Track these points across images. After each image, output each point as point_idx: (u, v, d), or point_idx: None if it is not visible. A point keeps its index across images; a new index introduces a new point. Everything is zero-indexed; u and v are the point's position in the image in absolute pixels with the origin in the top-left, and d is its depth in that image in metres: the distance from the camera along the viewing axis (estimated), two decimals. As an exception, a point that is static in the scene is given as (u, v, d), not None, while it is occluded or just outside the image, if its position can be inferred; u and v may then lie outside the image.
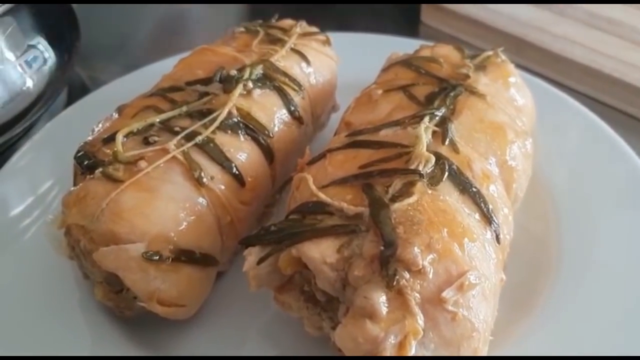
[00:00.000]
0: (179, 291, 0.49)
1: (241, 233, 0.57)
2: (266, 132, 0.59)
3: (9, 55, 0.69)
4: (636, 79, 0.84)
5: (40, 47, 0.74)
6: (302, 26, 0.72)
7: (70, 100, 0.89)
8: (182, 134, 0.54)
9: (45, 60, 0.75)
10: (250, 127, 0.57)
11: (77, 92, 0.92)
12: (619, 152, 0.69)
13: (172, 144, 0.53)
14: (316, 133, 0.73)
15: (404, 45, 0.86)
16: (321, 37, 0.72)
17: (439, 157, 0.49)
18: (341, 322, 0.40)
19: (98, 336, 0.54)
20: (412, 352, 0.37)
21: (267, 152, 0.59)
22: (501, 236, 0.48)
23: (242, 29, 0.70)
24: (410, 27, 1.08)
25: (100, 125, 0.59)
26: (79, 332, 0.54)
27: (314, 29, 0.73)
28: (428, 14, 1.06)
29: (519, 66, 0.90)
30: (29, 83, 0.73)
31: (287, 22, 0.73)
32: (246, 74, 0.60)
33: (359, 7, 1.15)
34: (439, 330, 0.39)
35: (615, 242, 0.60)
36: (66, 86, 0.85)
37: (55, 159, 0.71)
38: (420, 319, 0.38)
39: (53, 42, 0.78)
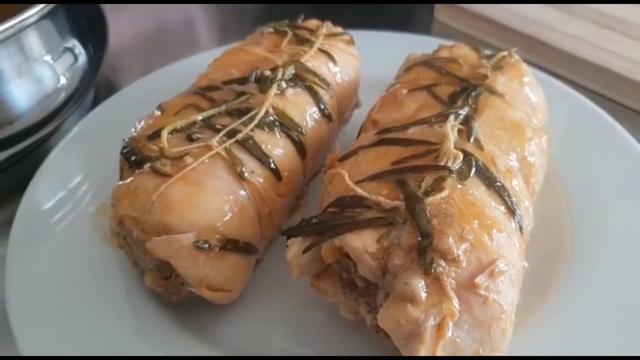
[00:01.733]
0: (225, 277, 0.53)
1: (277, 223, 0.61)
2: (299, 129, 0.62)
3: (47, 58, 0.72)
4: (644, 77, 0.88)
5: (74, 48, 0.77)
6: (327, 27, 0.75)
7: (96, 98, 0.93)
8: (224, 132, 0.58)
9: (77, 60, 0.78)
10: (285, 125, 0.61)
11: (102, 89, 0.96)
12: (626, 146, 0.73)
13: (214, 141, 0.57)
14: (340, 129, 0.76)
15: (420, 42, 0.90)
16: (346, 37, 0.75)
17: (465, 154, 0.52)
18: (382, 306, 0.44)
19: (143, 319, 0.58)
20: (449, 333, 0.42)
21: (300, 148, 0.62)
22: (523, 227, 0.52)
23: (271, 29, 0.74)
24: (423, 24, 1.12)
25: (143, 122, 0.62)
26: (124, 314, 0.58)
27: (339, 30, 0.76)
28: (441, 12, 1.09)
29: (530, 64, 0.93)
30: (63, 82, 0.76)
31: (313, 23, 0.76)
32: (279, 74, 0.64)
33: (372, 4, 1.18)
34: (472, 313, 0.43)
35: (624, 230, 0.64)
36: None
37: (89, 153, 0.75)
38: (456, 303, 0.42)
39: (85, 42, 0.81)
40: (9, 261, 0.61)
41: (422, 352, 0.41)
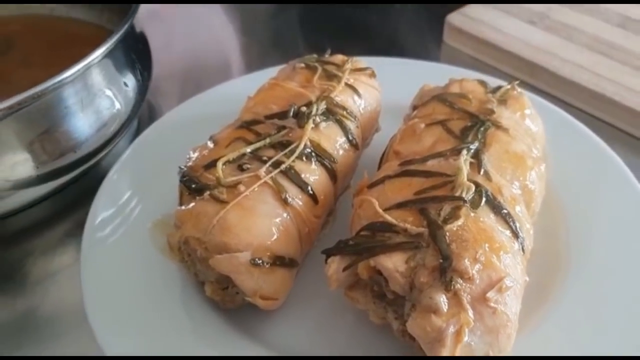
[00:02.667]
0: (274, 288, 0.64)
1: (313, 239, 0.71)
2: (332, 158, 0.72)
3: (106, 91, 0.82)
4: (634, 103, 0.97)
5: (127, 79, 0.87)
6: (352, 62, 0.85)
7: (140, 121, 1.03)
8: (269, 163, 0.67)
9: (129, 90, 0.87)
10: (320, 155, 0.71)
11: (144, 113, 1.06)
12: (615, 166, 0.82)
13: (262, 171, 0.67)
14: (362, 151, 0.86)
15: (430, 69, 1.01)
16: (368, 71, 0.85)
17: (477, 185, 0.62)
18: (410, 316, 0.54)
19: (199, 321, 0.68)
20: (466, 338, 0.52)
21: (332, 175, 0.72)
22: (525, 247, 0.62)
23: (302, 65, 0.83)
24: (433, 47, 1.21)
25: (197, 153, 0.72)
26: (182, 316, 0.68)
27: (363, 64, 0.86)
28: (450, 36, 1.19)
29: (532, 87, 1.04)
30: (118, 110, 0.85)
31: (339, 58, 0.86)
32: (314, 110, 0.74)
33: (385, 28, 1.28)
34: (484, 322, 0.53)
35: (613, 249, 0.73)
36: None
37: (140, 173, 0.85)
38: (471, 314, 0.52)
39: (135, 73, 0.90)
40: (83, 267, 0.71)
41: (444, 354, 0.51)
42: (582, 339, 0.64)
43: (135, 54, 0.90)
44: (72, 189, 0.87)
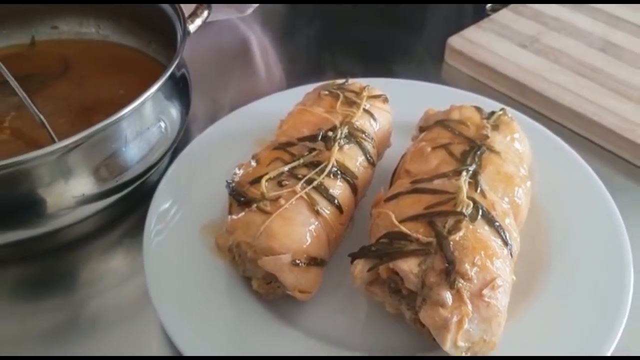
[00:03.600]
0: (310, 284, 0.78)
1: (338, 242, 0.85)
2: (354, 175, 0.86)
3: (156, 119, 0.93)
4: (610, 123, 1.11)
5: (174, 106, 0.98)
6: (368, 89, 0.99)
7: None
8: (303, 180, 0.82)
9: (175, 115, 0.99)
10: (344, 173, 0.85)
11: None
12: (594, 184, 0.96)
13: (298, 187, 0.81)
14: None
15: (432, 90, 1.15)
16: (383, 97, 0.99)
17: (474, 202, 0.77)
18: (421, 308, 0.69)
19: (242, 308, 0.82)
20: (466, 326, 0.66)
21: (354, 189, 0.86)
22: (513, 252, 0.77)
23: (327, 92, 0.97)
24: (434, 66, 1.35)
25: (242, 170, 0.86)
26: (227, 305, 0.82)
27: (378, 92, 1.00)
28: (450, 56, 1.32)
29: (523, 105, 1.18)
30: (166, 134, 0.97)
31: (357, 85, 1.00)
32: (338, 134, 0.88)
33: (389, 48, 1.41)
34: (480, 313, 0.68)
35: (587, 251, 0.88)
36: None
37: (185, 185, 0.98)
38: (470, 307, 0.67)
39: (180, 99, 1.02)
40: (147, 264, 0.84)
41: (449, 338, 0.66)
42: (560, 326, 0.78)
43: (181, 81, 1.03)
44: (117, 202, 0.98)
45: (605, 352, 0.75)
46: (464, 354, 0.69)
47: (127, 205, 1.01)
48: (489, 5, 1.47)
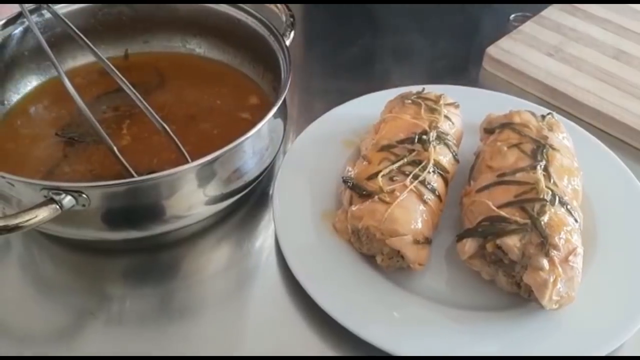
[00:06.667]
0: (424, 258, 0.98)
1: (437, 226, 1.06)
2: (446, 170, 1.07)
3: (270, 134, 1.11)
4: (629, 120, 1.34)
5: (281, 120, 1.17)
6: (444, 97, 1.19)
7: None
8: (411, 176, 1.02)
9: (280, 128, 1.17)
10: (439, 169, 1.06)
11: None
12: (621, 170, 1.20)
13: (407, 181, 1.01)
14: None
15: (474, 93, 1.36)
16: (456, 104, 1.20)
17: (551, 190, 0.99)
18: (524, 273, 0.91)
19: (363, 276, 1.02)
20: (558, 285, 0.88)
21: (446, 182, 1.07)
22: (580, 226, 0.99)
23: (409, 101, 1.18)
24: (473, 72, 1.56)
25: (356, 168, 1.06)
26: (351, 273, 1.03)
27: (451, 100, 1.20)
28: (488, 64, 1.54)
29: (554, 107, 1.41)
30: (276, 144, 1.15)
31: (434, 95, 1.20)
32: (431, 137, 1.08)
33: (430, 55, 1.61)
34: (567, 274, 0.89)
35: (623, 226, 1.11)
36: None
37: (294, 182, 1.17)
38: (560, 270, 0.89)
39: (284, 113, 1.20)
40: (283, 244, 1.03)
41: (547, 294, 0.88)
42: (612, 281, 1.01)
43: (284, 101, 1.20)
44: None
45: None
46: (554, 307, 0.91)
47: (231, 208, 1.15)
48: (512, 16, 1.69)
